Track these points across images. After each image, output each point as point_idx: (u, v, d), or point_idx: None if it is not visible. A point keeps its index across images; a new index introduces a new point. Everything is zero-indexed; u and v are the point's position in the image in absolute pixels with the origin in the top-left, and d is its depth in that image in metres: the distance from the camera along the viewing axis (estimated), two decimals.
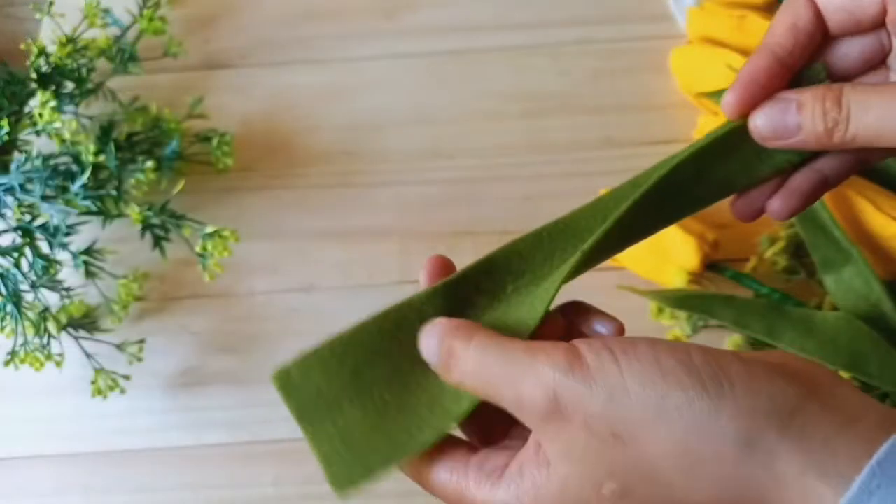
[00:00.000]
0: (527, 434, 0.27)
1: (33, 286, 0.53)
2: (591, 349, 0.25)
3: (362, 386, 0.28)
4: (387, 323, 0.29)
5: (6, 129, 0.55)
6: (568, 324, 0.30)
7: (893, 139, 0.27)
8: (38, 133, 0.55)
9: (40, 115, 0.54)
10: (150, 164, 0.57)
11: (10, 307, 0.52)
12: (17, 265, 0.53)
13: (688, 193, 0.31)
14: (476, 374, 0.26)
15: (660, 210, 0.30)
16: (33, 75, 0.58)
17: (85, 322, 0.55)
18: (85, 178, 0.54)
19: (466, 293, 0.30)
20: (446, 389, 0.28)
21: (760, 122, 0.29)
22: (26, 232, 0.53)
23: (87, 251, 0.55)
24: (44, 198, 0.54)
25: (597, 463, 0.24)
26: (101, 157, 0.55)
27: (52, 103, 0.54)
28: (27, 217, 0.54)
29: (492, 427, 0.29)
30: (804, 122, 0.28)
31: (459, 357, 0.26)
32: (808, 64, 0.30)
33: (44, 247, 0.54)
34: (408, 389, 0.28)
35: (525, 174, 0.61)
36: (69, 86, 0.60)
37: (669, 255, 0.54)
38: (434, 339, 0.27)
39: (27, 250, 0.53)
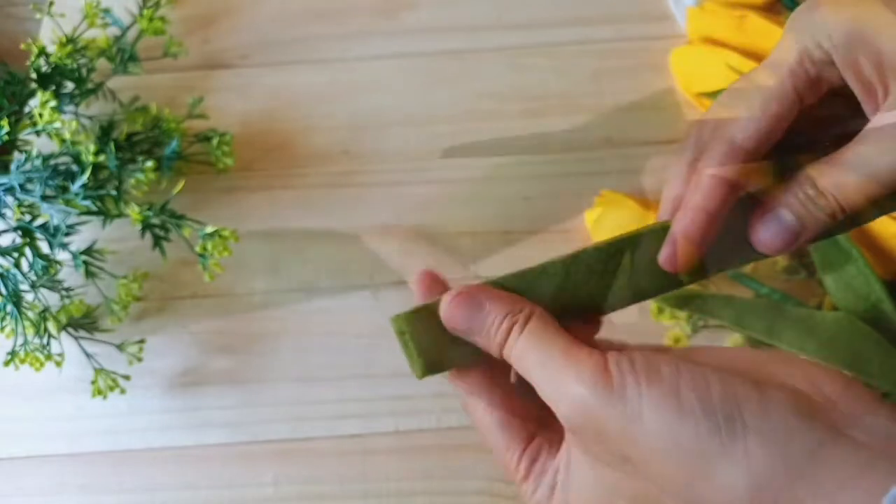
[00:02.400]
0: None
1: (33, 286, 0.53)
2: (618, 367, 0.25)
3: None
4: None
5: (6, 129, 0.55)
6: None
7: (882, 187, 0.26)
8: (38, 133, 0.55)
9: (40, 115, 0.54)
10: (150, 164, 0.57)
11: (10, 307, 0.52)
12: (17, 265, 0.53)
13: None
14: (519, 363, 0.27)
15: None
16: (33, 75, 0.58)
17: (85, 322, 0.55)
18: (85, 178, 0.54)
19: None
20: None
21: (770, 242, 0.29)
22: (26, 232, 0.53)
23: (87, 251, 0.55)
24: (44, 198, 0.54)
25: (608, 477, 0.25)
26: (101, 157, 0.55)
27: (52, 103, 0.54)
28: (27, 217, 0.54)
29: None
30: (806, 221, 0.28)
31: (513, 343, 0.27)
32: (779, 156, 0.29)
33: (44, 247, 0.54)
34: None
35: (525, 174, 0.61)
36: (69, 86, 0.60)
37: None
38: (498, 316, 0.28)
39: (27, 250, 0.53)
